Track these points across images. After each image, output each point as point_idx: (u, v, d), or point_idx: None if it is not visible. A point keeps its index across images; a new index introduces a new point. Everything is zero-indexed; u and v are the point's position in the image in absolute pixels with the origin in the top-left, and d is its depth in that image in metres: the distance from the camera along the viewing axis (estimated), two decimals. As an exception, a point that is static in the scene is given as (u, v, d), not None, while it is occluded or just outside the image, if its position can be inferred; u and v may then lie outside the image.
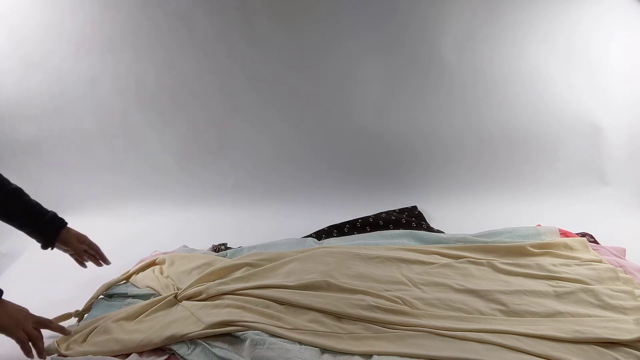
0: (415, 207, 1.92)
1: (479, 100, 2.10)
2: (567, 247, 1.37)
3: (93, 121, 2.13)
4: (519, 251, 1.35)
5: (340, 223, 1.78)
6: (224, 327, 1.06)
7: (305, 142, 2.23)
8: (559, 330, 0.99)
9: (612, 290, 1.11)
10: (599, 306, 1.07)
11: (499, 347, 0.96)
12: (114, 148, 2.15)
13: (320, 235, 1.71)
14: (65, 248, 1.27)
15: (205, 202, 2.03)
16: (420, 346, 0.98)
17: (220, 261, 1.39)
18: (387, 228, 1.73)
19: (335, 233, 1.73)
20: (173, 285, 1.30)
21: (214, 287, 1.22)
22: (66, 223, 1.25)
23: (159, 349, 1.06)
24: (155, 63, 2.10)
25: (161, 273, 1.38)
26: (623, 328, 0.98)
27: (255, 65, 2.11)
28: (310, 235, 1.70)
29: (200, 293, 1.21)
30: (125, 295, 1.30)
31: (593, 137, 2.05)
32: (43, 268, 1.68)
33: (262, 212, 2.02)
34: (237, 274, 1.30)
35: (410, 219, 1.79)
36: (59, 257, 1.74)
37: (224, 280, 1.26)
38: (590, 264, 1.26)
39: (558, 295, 1.12)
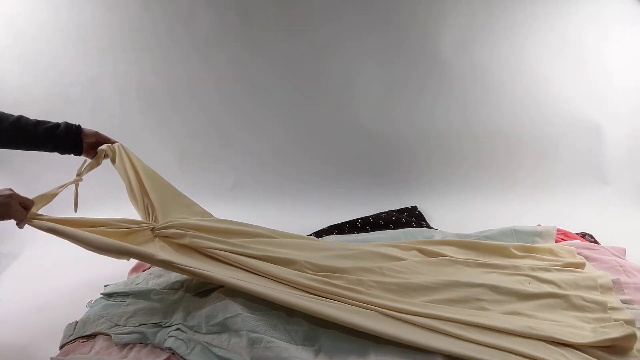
0: (415, 207, 1.92)
1: (479, 101, 2.10)
2: (552, 252, 1.35)
3: (93, 121, 2.08)
4: (501, 252, 1.35)
5: (340, 223, 1.78)
6: (171, 267, 1.07)
7: (305, 142, 2.23)
8: (509, 323, 0.99)
9: (584, 299, 1.09)
10: (563, 313, 1.06)
11: (441, 334, 0.98)
12: (114, 148, 2.14)
13: (320, 235, 1.71)
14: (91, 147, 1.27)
15: (205, 202, 2.01)
16: (364, 316, 1.01)
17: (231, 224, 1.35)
18: (387, 228, 1.74)
19: (335, 233, 1.73)
20: (150, 212, 1.24)
21: (202, 239, 1.18)
22: (79, 125, 1.25)
23: (158, 349, 1.06)
24: (155, 63, 2.10)
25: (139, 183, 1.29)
26: (578, 333, 0.97)
27: (255, 65, 2.12)
28: (310, 235, 1.70)
29: (182, 236, 1.17)
30: (126, 295, 1.30)
31: (593, 137, 2.05)
32: (43, 268, 1.68)
33: (262, 212, 2.02)
34: (235, 239, 1.27)
35: (410, 219, 1.80)
36: (58, 257, 1.74)
37: (216, 237, 1.22)
38: (572, 270, 1.24)
39: (526, 296, 1.11)
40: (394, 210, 1.87)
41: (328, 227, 1.77)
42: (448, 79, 2.08)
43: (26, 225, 1.10)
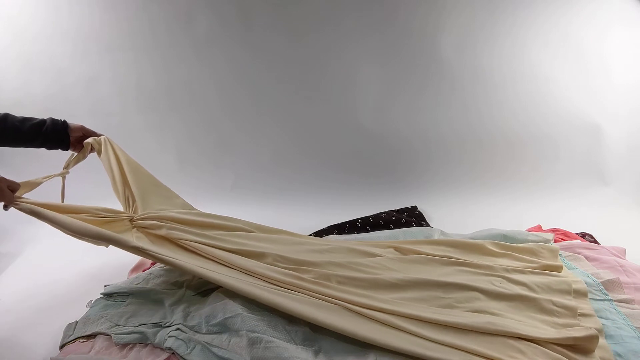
0: (415, 207, 1.92)
1: (479, 101, 2.10)
2: (532, 253, 1.33)
3: (92, 121, 2.09)
4: (479, 249, 1.35)
5: (340, 223, 1.78)
6: (144, 254, 1.10)
7: (305, 142, 2.23)
8: (470, 320, 0.99)
9: (554, 304, 1.08)
10: (530, 315, 1.05)
11: (400, 332, 0.98)
12: (114, 148, 2.15)
13: (320, 235, 1.71)
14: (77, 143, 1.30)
15: (205, 202, 2.02)
16: (326, 311, 1.03)
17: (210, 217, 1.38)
18: (387, 228, 1.73)
19: (336, 233, 1.73)
20: (131, 203, 1.27)
21: (178, 230, 1.21)
22: (65, 120, 1.27)
23: (158, 349, 1.06)
24: (154, 64, 2.10)
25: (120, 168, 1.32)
26: (540, 330, 0.97)
27: (254, 66, 2.12)
28: (310, 235, 1.70)
29: (159, 227, 1.20)
30: (126, 295, 1.29)
31: (593, 137, 2.05)
32: (43, 268, 1.68)
33: (262, 213, 2.02)
34: (211, 232, 1.30)
35: (410, 219, 1.80)
36: (58, 258, 1.74)
37: (192, 229, 1.25)
38: (547, 274, 1.22)
39: (495, 296, 1.11)
40: (394, 210, 1.87)
41: (328, 227, 1.77)
42: (448, 79, 2.08)
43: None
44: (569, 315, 1.05)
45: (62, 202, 1.27)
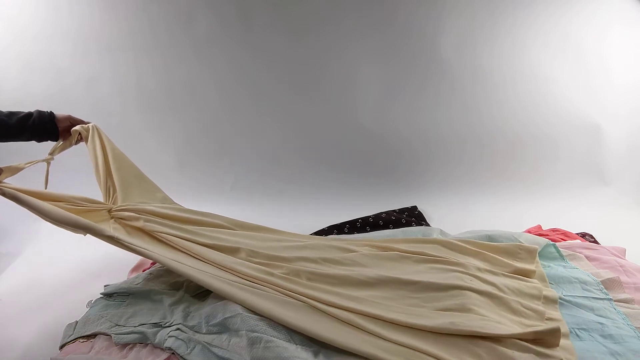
0: (415, 207, 1.92)
1: (479, 101, 2.10)
2: (508, 253, 1.32)
3: (91, 121, 2.12)
4: (454, 247, 1.35)
5: (340, 223, 1.78)
6: (118, 244, 1.11)
7: (305, 142, 2.23)
8: (432, 321, 0.99)
9: (522, 305, 1.08)
10: (498, 312, 1.05)
11: (360, 332, 1.00)
12: (114, 148, 2.14)
13: (320, 235, 1.71)
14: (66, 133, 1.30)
15: (205, 202, 2.02)
16: (290, 309, 1.05)
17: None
18: (387, 228, 1.73)
19: (336, 233, 1.73)
20: (111, 194, 1.29)
21: (155, 223, 1.23)
22: (52, 111, 1.27)
23: (158, 349, 1.06)
24: (154, 64, 2.10)
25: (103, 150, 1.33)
26: (502, 327, 0.97)
27: (254, 66, 2.12)
28: (310, 235, 1.70)
29: (136, 219, 1.22)
30: (126, 295, 1.29)
31: (593, 137, 2.05)
32: (43, 268, 1.68)
33: (262, 213, 2.02)
34: (189, 227, 1.32)
35: (410, 219, 1.79)
36: (58, 258, 1.74)
37: (169, 222, 1.27)
38: (519, 278, 1.21)
39: (461, 293, 1.10)
40: (394, 210, 1.87)
41: (328, 227, 1.77)
42: (448, 79, 2.08)
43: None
44: (536, 317, 1.05)
45: (46, 188, 1.28)
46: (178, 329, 1.10)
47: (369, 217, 1.80)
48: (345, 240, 1.46)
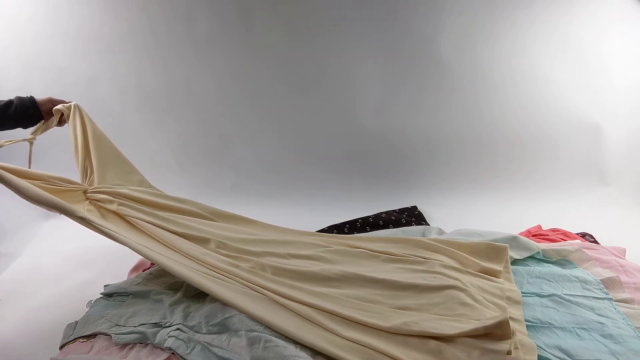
0: (415, 207, 1.92)
1: (479, 101, 2.10)
2: (477, 252, 1.32)
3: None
4: (426, 245, 1.36)
5: (340, 223, 1.78)
6: (90, 226, 1.12)
7: (305, 142, 2.23)
8: (387, 320, 1.01)
9: (485, 298, 1.10)
10: (457, 309, 1.05)
11: (314, 325, 1.03)
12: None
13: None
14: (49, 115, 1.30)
15: (205, 202, 2.03)
16: (253, 300, 1.08)
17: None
18: (387, 228, 1.73)
19: (336, 233, 1.73)
20: (88, 175, 1.29)
21: (129, 207, 1.24)
22: (32, 96, 1.27)
23: (158, 349, 1.06)
24: (154, 64, 2.10)
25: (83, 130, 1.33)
26: (453, 326, 0.98)
27: (254, 66, 2.11)
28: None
29: (111, 202, 1.22)
30: (126, 295, 1.30)
31: (593, 137, 2.05)
32: (43, 268, 1.68)
33: (262, 213, 2.01)
34: (163, 213, 1.32)
35: (410, 219, 1.80)
36: (58, 257, 1.74)
37: (143, 208, 1.28)
38: (483, 277, 1.22)
39: (425, 289, 1.12)
40: (394, 210, 1.87)
41: (328, 227, 1.77)
42: (448, 79, 2.08)
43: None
44: (497, 311, 1.06)
45: (29, 168, 1.28)
46: (178, 329, 1.10)
47: (369, 217, 1.80)
48: (320, 235, 1.49)
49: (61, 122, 1.34)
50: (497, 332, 0.91)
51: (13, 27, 1.97)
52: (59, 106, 1.30)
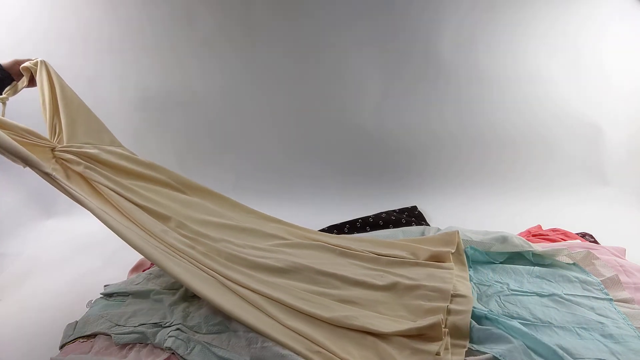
0: (415, 207, 1.92)
1: (480, 102, 2.10)
2: (429, 242, 1.37)
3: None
4: (385, 243, 1.41)
5: (341, 223, 1.78)
6: (54, 183, 1.10)
7: (305, 142, 2.23)
8: (329, 311, 1.05)
9: (427, 289, 1.14)
10: (398, 304, 1.11)
11: (259, 311, 1.06)
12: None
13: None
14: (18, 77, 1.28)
15: (205, 202, 2.04)
16: (203, 281, 1.10)
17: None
18: (387, 228, 1.73)
19: (336, 233, 1.73)
20: (57, 132, 1.25)
21: (95, 172, 1.22)
22: None
23: (158, 349, 1.06)
24: (154, 64, 2.10)
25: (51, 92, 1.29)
26: (389, 324, 1.02)
27: (255, 66, 2.12)
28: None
29: (78, 164, 1.20)
30: (126, 295, 1.30)
31: (593, 138, 2.05)
32: (43, 268, 1.68)
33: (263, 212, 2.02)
34: (128, 181, 1.30)
35: (410, 219, 1.80)
36: (58, 257, 1.74)
37: (109, 174, 1.26)
38: (430, 265, 1.26)
39: (370, 286, 1.17)
40: (394, 210, 1.87)
41: (328, 227, 1.77)
42: (448, 80, 2.08)
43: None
44: (439, 298, 1.10)
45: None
46: (178, 329, 1.10)
47: (369, 217, 1.80)
48: (284, 225, 1.52)
49: (33, 82, 1.30)
50: (430, 333, 0.97)
51: (14, 27, 1.97)
52: (26, 63, 1.26)
